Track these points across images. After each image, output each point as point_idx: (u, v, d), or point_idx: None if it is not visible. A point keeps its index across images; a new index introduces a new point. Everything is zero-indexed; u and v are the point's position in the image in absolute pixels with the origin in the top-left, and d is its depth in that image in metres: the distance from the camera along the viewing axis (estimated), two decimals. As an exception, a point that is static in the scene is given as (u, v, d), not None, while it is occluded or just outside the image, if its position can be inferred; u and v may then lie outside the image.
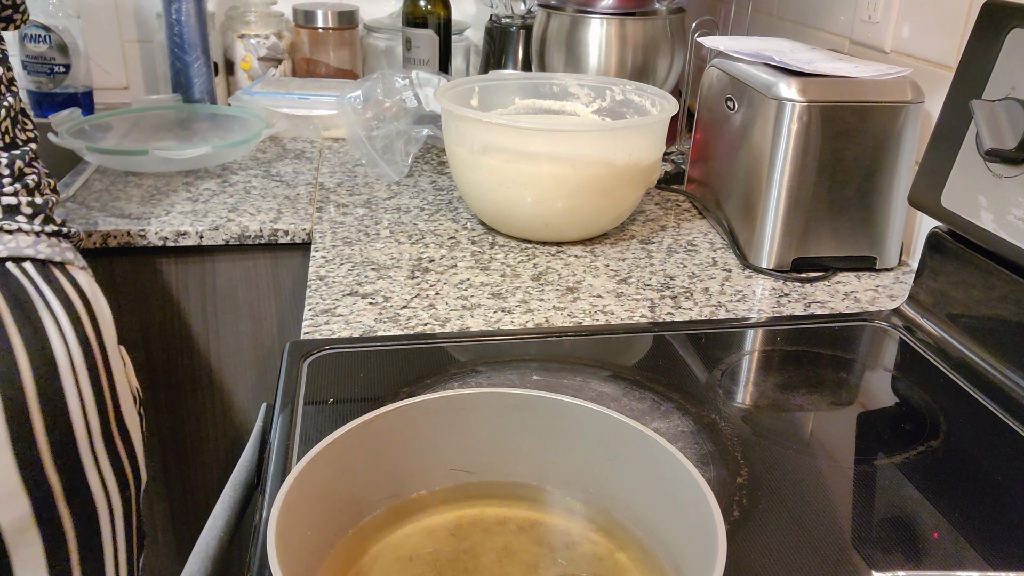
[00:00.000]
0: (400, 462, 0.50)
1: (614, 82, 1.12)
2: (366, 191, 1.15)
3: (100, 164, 1.19)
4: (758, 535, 0.55)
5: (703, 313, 0.85)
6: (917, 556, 0.54)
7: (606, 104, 1.12)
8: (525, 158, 0.94)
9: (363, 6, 1.64)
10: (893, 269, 0.96)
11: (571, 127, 1.00)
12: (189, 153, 1.15)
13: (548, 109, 1.13)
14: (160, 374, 1.12)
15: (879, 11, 1.02)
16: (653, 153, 0.99)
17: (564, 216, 0.97)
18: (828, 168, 0.91)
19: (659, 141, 1.00)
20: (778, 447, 0.64)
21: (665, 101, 1.02)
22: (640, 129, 0.97)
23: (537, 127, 0.98)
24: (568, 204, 0.95)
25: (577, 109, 1.14)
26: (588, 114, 1.13)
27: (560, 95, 1.13)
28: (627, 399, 0.69)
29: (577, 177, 0.94)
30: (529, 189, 0.94)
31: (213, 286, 1.08)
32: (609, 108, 1.12)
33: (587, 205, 0.97)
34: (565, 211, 0.96)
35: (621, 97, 1.10)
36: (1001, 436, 0.67)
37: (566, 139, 0.95)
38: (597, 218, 1.00)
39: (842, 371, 0.76)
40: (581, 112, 1.14)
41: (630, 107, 1.10)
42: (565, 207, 0.96)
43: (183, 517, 1.21)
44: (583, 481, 0.51)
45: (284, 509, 0.41)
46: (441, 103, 0.99)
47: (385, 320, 0.81)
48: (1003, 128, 0.71)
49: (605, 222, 1.01)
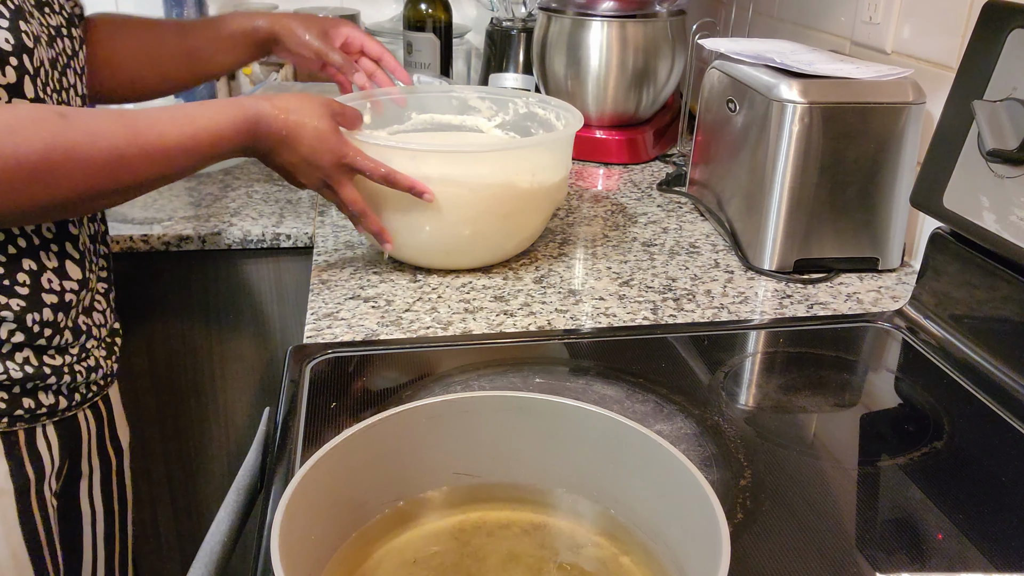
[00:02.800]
0: (403, 466, 0.50)
1: (516, 94, 1.04)
2: (368, 195, 1.16)
3: (102, 169, 1.19)
4: (762, 537, 0.54)
5: (706, 315, 0.85)
6: (921, 557, 0.53)
7: (509, 118, 1.04)
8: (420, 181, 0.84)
9: (364, 10, 1.64)
10: (895, 270, 0.96)
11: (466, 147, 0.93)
12: (191, 158, 1.15)
13: (448, 124, 1.05)
14: (163, 379, 1.12)
15: (880, 12, 1.02)
16: (558, 172, 0.92)
17: (467, 243, 0.89)
18: (830, 169, 0.91)
19: (564, 159, 0.93)
20: (781, 449, 0.64)
21: (570, 115, 0.95)
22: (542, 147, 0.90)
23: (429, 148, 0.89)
24: (471, 230, 0.88)
25: (479, 124, 1.05)
26: (491, 129, 1.05)
27: (460, 109, 1.05)
28: (630, 402, 0.68)
29: (476, 201, 0.86)
30: (426, 215, 0.85)
31: (216, 291, 1.08)
32: (513, 122, 1.04)
33: (488, 230, 0.89)
34: (469, 237, 0.89)
35: (525, 110, 1.03)
36: (1004, 437, 0.66)
37: (461, 160, 0.87)
38: (502, 243, 0.92)
39: (845, 372, 0.76)
40: (483, 127, 1.05)
41: (534, 121, 1.02)
42: (469, 233, 0.88)
43: (186, 521, 1.21)
44: (586, 484, 0.51)
45: (288, 513, 0.41)
46: None
47: (387, 324, 0.81)
48: (1005, 128, 0.71)
49: (510, 247, 0.94)
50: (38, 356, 0.69)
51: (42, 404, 0.70)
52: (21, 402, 0.69)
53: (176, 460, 1.17)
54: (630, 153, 1.32)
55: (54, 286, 0.69)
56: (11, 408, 0.68)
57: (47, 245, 0.69)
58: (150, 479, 1.17)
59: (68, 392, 0.73)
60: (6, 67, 0.63)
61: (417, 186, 0.83)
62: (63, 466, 0.75)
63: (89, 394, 0.76)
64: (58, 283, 0.70)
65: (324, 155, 0.78)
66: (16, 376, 0.67)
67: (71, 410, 0.74)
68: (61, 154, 0.61)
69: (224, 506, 0.61)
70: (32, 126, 0.60)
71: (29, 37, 0.64)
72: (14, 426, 0.69)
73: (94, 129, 0.64)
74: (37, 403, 0.70)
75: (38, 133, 0.60)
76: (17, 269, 0.67)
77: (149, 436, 1.14)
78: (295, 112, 0.76)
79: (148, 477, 1.16)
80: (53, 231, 0.70)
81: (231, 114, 0.72)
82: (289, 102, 0.77)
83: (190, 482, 1.19)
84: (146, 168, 0.67)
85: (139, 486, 1.14)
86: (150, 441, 1.15)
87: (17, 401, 0.68)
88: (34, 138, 0.60)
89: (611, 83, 1.28)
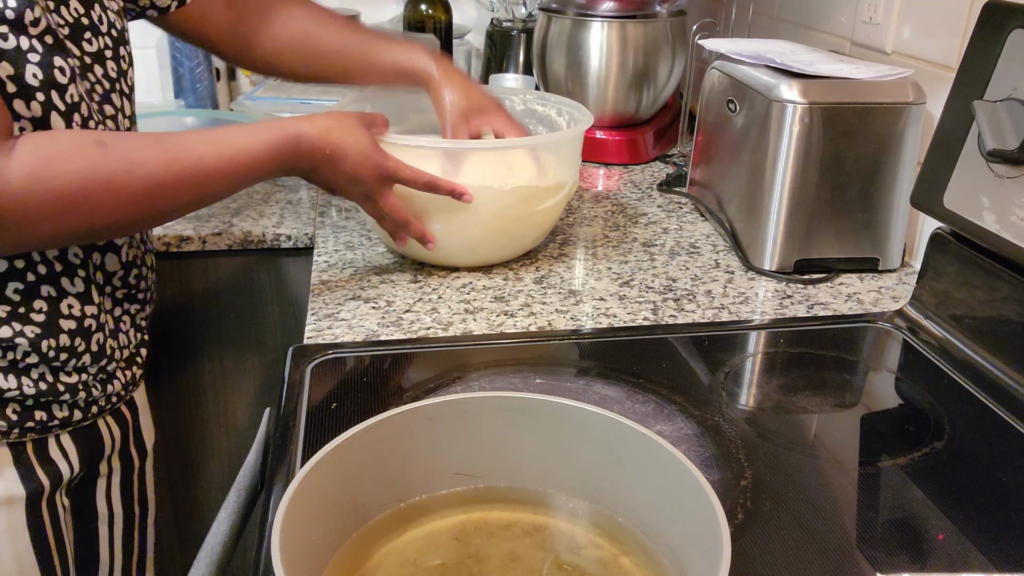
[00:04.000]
0: (404, 466, 0.50)
1: (513, 91, 1.05)
2: (368, 195, 1.15)
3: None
4: (762, 538, 0.54)
5: (706, 315, 0.85)
6: (922, 558, 0.53)
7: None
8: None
9: (364, 11, 1.64)
10: (896, 270, 0.96)
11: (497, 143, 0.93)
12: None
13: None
14: (164, 379, 1.12)
15: (880, 12, 1.02)
16: (574, 166, 0.95)
17: (492, 238, 0.91)
18: (830, 169, 0.91)
19: (574, 157, 0.95)
20: (782, 449, 0.64)
21: (575, 109, 0.96)
22: (563, 141, 0.92)
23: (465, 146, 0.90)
24: (495, 227, 0.90)
25: None
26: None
27: None
28: (630, 402, 0.68)
29: (504, 197, 0.88)
30: (457, 215, 0.87)
31: (216, 291, 1.08)
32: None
33: (512, 227, 0.91)
34: (493, 234, 0.91)
35: (523, 107, 1.04)
36: (1005, 437, 0.66)
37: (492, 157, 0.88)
38: (526, 236, 0.94)
39: (845, 373, 0.76)
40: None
41: (533, 117, 1.02)
42: (494, 230, 0.90)
43: (187, 521, 1.21)
44: (587, 485, 0.51)
45: (288, 513, 0.41)
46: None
47: (388, 324, 0.81)
48: (1005, 129, 0.71)
49: (529, 241, 0.96)
50: (54, 374, 0.69)
51: (55, 417, 0.70)
52: (33, 415, 0.68)
53: (177, 461, 1.17)
54: (630, 153, 1.32)
55: (74, 312, 0.69)
56: (22, 420, 0.68)
57: (72, 271, 0.69)
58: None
59: (84, 406, 0.72)
60: (32, 102, 0.62)
61: (457, 188, 0.84)
62: (83, 471, 0.75)
63: (108, 406, 0.76)
64: (79, 308, 0.69)
65: (367, 169, 0.79)
66: (29, 392, 0.67)
67: (87, 420, 0.74)
68: (99, 184, 0.61)
69: (225, 507, 0.61)
70: (70, 158, 0.60)
71: (64, 73, 0.64)
72: (23, 437, 0.69)
73: (133, 157, 0.64)
74: (50, 416, 0.69)
75: (76, 164, 0.60)
76: (34, 297, 0.66)
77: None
78: (335, 130, 0.77)
79: (149, 478, 1.16)
80: (80, 257, 0.69)
81: (269, 137, 0.72)
82: (328, 121, 0.77)
83: (191, 483, 1.19)
84: (184, 193, 0.68)
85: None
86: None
87: (29, 414, 0.68)
88: (72, 169, 0.60)
89: (611, 84, 1.28)
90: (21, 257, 0.65)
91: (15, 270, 0.65)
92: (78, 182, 0.60)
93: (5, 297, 0.65)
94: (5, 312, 0.65)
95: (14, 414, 0.67)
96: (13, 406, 0.67)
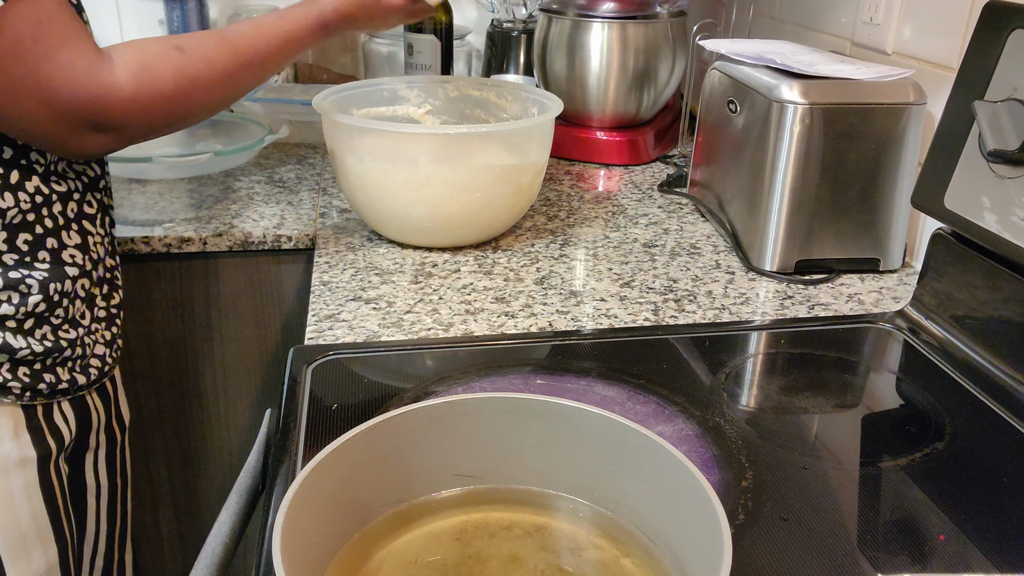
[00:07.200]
0: (405, 467, 0.50)
1: (443, 80, 1.09)
2: (369, 196, 1.16)
3: (104, 171, 1.19)
4: (763, 539, 0.54)
5: (707, 316, 0.85)
6: (923, 559, 0.53)
7: (439, 103, 1.10)
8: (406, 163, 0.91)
9: (365, 11, 1.64)
10: (897, 271, 0.96)
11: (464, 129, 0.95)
12: (192, 160, 1.16)
13: (381, 116, 1.09)
14: (164, 380, 1.12)
15: (880, 13, 1.02)
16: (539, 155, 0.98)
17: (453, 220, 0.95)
18: (831, 170, 0.91)
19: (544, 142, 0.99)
20: (783, 450, 0.64)
21: (549, 101, 1.01)
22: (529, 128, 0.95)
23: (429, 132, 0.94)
24: (456, 208, 0.94)
25: (410, 112, 1.10)
26: (421, 115, 1.11)
27: (391, 99, 1.09)
28: (631, 403, 0.68)
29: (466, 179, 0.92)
30: (415, 195, 0.92)
31: (217, 292, 1.08)
32: (444, 107, 1.11)
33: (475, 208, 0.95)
34: (455, 215, 0.95)
35: (456, 94, 1.08)
36: (1006, 438, 0.66)
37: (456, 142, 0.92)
38: (494, 218, 0.98)
39: (846, 373, 0.76)
40: (414, 115, 1.11)
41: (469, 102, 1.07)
42: (455, 210, 0.94)
43: (188, 522, 1.21)
44: (588, 486, 0.51)
45: (289, 514, 0.41)
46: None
47: (389, 325, 0.81)
48: (1006, 129, 0.71)
49: (499, 224, 0.99)
50: (54, 332, 0.74)
51: (61, 379, 0.75)
52: (42, 377, 0.74)
53: (177, 461, 1.17)
54: (631, 154, 1.32)
55: (77, 260, 0.76)
56: (34, 382, 0.73)
57: (68, 225, 0.76)
58: (152, 480, 1.17)
59: (81, 368, 0.78)
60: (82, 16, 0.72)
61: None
62: (75, 440, 0.80)
63: (98, 372, 0.81)
64: (81, 257, 0.77)
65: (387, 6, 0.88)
66: (38, 350, 0.73)
67: (83, 389, 0.79)
68: (188, 82, 0.73)
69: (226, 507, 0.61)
70: (161, 63, 0.72)
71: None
72: (35, 400, 0.74)
73: (208, 56, 0.75)
74: (56, 378, 0.75)
75: (167, 68, 0.72)
76: (40, 248, 0.73)
77: (151, 437, 1.14)
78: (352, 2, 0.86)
79: (150, 478, 1.16)
80: (75, 212, 0.76)
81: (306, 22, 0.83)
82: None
83: (191, 483, 1.19)
84: (248, 80, 0.80)
85: (141, 488, 1.14)
86: (152, 442, 1.15)
87: (39, 376, 0.74)
88: (166, 72, 0.72)
89: (612, 84, 1.28)
90: (33, 214, 0.72)
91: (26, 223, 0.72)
92: (172, 81, 0.72)
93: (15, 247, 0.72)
94: (12, 260, 0.72)
95: (26, 376, 0.73)
96: (23, 368, 0.72)
